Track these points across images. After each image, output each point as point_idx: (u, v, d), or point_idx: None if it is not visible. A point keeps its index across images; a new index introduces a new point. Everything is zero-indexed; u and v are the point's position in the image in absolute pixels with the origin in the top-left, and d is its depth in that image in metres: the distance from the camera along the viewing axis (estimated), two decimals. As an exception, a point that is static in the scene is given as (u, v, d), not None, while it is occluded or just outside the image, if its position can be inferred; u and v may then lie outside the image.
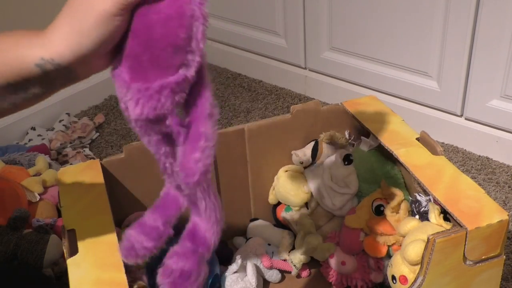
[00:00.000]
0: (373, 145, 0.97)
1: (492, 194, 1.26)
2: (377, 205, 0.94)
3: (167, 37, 0.46)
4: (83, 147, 1.49)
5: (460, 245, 0.75)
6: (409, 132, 0.95)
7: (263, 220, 1.11)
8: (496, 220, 0.75)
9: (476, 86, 1.32)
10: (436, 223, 0.82)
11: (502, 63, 1.25)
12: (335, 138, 1.04)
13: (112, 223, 0.78)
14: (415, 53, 1.40)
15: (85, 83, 1.70)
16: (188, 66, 0.48)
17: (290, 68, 1.71)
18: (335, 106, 1.06)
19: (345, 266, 0.96)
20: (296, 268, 1.01)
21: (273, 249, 1.04)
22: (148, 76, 0.47)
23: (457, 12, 1.27)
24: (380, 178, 0.98)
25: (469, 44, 1.29)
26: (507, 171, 1.33)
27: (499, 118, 1.32)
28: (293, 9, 1.60)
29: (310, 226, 1.02)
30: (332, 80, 1.63)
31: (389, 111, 1.02)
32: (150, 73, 0.47)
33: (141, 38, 0.47)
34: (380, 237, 0.93)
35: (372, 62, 1.51)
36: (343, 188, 1.01)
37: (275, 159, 1.07)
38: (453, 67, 1.34)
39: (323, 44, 1.59)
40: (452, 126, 1.42)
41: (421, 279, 0.76)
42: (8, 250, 1.00)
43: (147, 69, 0.47)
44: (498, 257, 0.78)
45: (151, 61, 0.47)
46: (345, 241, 0.96)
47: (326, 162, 1.05)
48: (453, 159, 1.39)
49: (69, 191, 0.85)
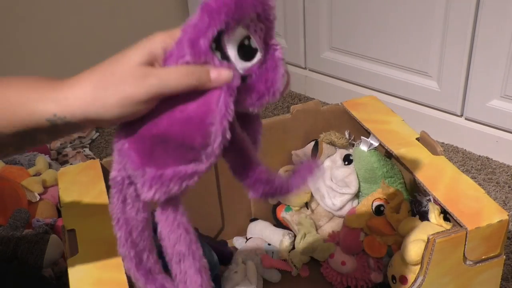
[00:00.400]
0: (373, 145, 0.97)
1: (492, 194, 1.26)
2: (377, 205, 0.94)
3: (184, 137, 0.47)
4: (83, 147, 1.49)
5: (460, 245, 0.75)
6: (409, 132, 0.95)
7: (263, 220, 1.11)
8: (496, 220, 0.75)
9: (476, 86, 1.32)
10: (436, 223, 0.82)
11: (502, 63, 1.25)
12: (335, 138, 1.04)
13: (112, 223, 0.78)
14: (415, 53, 1.40)
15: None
16: (201, 162, 0.48)
17: (290, 68, 1.71)
18: (335, 106, 1.06)
19: (345, 266, 0.96)
20: (296, 268, 1.01)
21: (273, 249, 1.04)
22: (159, 162, 0.47)
23: (457, 12, 1.27)
24: (380, 178, 0.98)
25: (469, 44, 1.29)
26: (507, 171, 1.33)
27: (499, 118, 1.32)
28: (293, 9, 1.60)
29: (310, 226, 1.02)
30: (332, 80, 1.63)
31: (389, 111, 1.02)
32: (162, 160, 0.47)
33: (159, 129, 0.47)
34: (380, 237, 0.93)
35: (372, 62, 1.51)
36: (343, 188, 1.01)
37: (275, 159, 1.07)
38: (453, 67, 1.34)
39: (323, 44, 1.59)
40: (452, 126, 1.42)
41: (421, 279, 0.76)
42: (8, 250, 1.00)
43: (160, 156, 0.47)
44: (498, 257, 0.78)
45: (164, 150, 0.47)
46: (345, 241, 0.96)
47: (326, 162, 1.05)
48: (453, 159, 1.39)
49: (69, 191, 0.85)
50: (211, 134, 0.46)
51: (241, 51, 0.47)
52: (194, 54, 0.46)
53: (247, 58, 0.48)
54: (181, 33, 0.46)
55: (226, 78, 0.46)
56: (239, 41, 0.47)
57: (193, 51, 0.46)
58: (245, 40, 0.47)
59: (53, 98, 0.46)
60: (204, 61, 0.46)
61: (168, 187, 0.47)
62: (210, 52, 0.46)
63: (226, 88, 0.46)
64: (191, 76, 0.46)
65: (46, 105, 0.46)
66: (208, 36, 0.45)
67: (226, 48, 0.47)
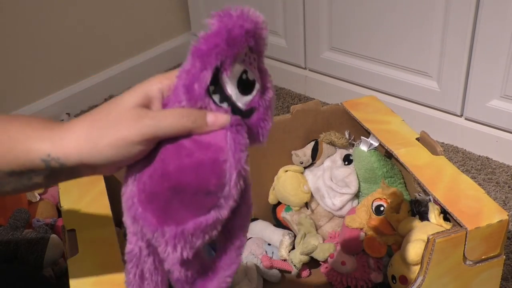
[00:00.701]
0: (373, 145, 0.97)
1: (492, 194, 1.26)
2: (377, 205, 0.94)
3: (198, 183, 0.45)
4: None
5: (460, 245, 0.75)
6: (409, 132, 0.95)
7: (263, 220, 1.11)
8: (496, 220, 0.75)
9: (476, 86, 1.32)
10: (436, 223, 0.82)
11: (502, 63, 1.25)
12: (335, 138, 1.04)
13: (112, 223, 0.78)
14: (415, 53, 1.40)
15: (85, 83, 1.70)
16: (221, 208, 0.46)
17: (290, 68, 1.71)
18: (335, 106, 1.06)
19: (345, 266, 0.96)
20: (296, 268, 1.01)
21: (273, 249, 1.04)
22: (177, 217, 0.45)
23: (457, 12, 1.27)
24: (380, 178, 0.98)
25: (469, 44, 1.29)
26: (507, 171, 1.33)
27: (499, 118, 1.32)
28: (293, 9, 1.60)
29: (310, 226, 1.02)
30: (332, 80, 1.63)
31: (389, 111, 1.02)
32: (180, 214, 0.45)
33: (171, 181, 0.45)
34: (380, 237, 0.93)
35: (372, 62, 1.51)
36: (343, 188, 1.01)
37: (275, 159, 1.07)
38: (453, 67, 1.34)
39: (323, 44, 1.59)
40: (452, 126, 1.42)
41: (421, 279, 0.76)
42: (8, 250, 1.00)
43: (177, 211, 0.45)
44: (498, 257, 0.78)
45: (181, 203, 0.45)
46: (345, 241, 0.96)
47: (326, 162, 1.05)
48: (453, 159, 1.39)
49: (69, 191, 0.85)
50: (226, 173, 0.45)
51: (240, 86, 0.46)
52: (190, 99, 0.45)
53: (246, 92, 0.47)
54: (176, 79, 0.46)
55: (223, 121, 0.46)
56: (237, 77, 0.46)
57: (189, 96, 0.45)
58: (243, 75, 0.46)
59: (49, 137, 0.46)
60: (200, 106, 0.45)
61: (192, 243, 0.45)
62: (206, 97, 0.45)
63: (229, 126, 0.46)
64: (187, 118, 0.45)
65: (42, 144, 0.46)
66: (202, 81, 0.44)
67: (226, 87, 0.46)
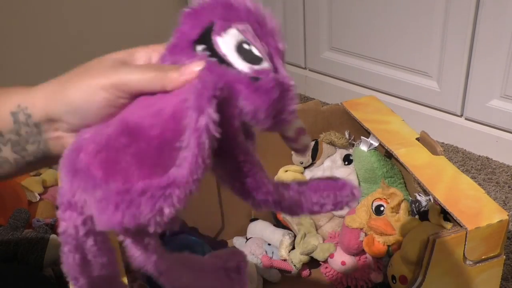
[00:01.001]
0: (373, 145, 0.97)
1: (492, 194, 1.26)
2: (377, 205, 0.94)
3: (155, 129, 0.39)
4: (83, 147, 1.49)
5: (460, 245, 0.75)
6: (409, 132, 0.95)
7: (263, 220, 1.11)
8: (496, 220, 0.75)
9: (476, 86, 1.32)
10: (436, 223, 0.82)
11: (502, 63, 1.25)
12: (335, 138, 1.04)
13: (112, 223, 0.78)
14: (415, 53, 1.40)
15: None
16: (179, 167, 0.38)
17: (290, 68, 1.71)
18: (335, 106, 1.06)
19: (345, 266, 0.96)
20: (296, 268, 1.01)
21: (273, 249, 1.04)
22: (127, 173, 0.38)
23: (457, 12, 1.27)
24: (380, 178, 0.98)
25: (469, 44, 1.29)
26: (507, 171, 1.33)
27: (499, 118, 1.32)
28: (293, 9, 1.60)
29: (310, 226, 1.02)
30: (332, 80, 1.63)
31: (389, 111, 1.02)
32: (131, 170, 0.38)
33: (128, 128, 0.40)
34: (380, 237, 0.93)
35: (372, 62, 1.51)
36: (343, 188, 1.01)
37: (275, 159, 1.07)
38: (453, 67, 1.34)
39: (323, 44, 1.59)
40: (452, 126, 1.42)
41: (421, 279, 0.76)
42: (8, 250, 1.00)
43: (128, 166, 0.38)
44: (498, 257, 0.78)
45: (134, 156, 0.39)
46: (345, 241, 0.96)
47: (326, 162, 1.05)
48: (453, 159, 1.39)
49: (69, 191, 0.84)
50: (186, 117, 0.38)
51: (241, 54, 0.42)
52: (173, 54, 0.43)
53: (253, 62, 0.42)
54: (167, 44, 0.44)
55: (195, 67, 0.41)
56: (234, 42, 0.43)
57: (173, 52, 0.44)
58: (244, 44, 0.43)
59: (21, 92, 0.45)
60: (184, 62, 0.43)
61: (137, 209, 0.36)
62: (190, 52, 0.43)
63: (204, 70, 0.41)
64: (158, 71, 0.42)
65: (13, 97, 0.45)
66: (188, 36, 0.43)
67: (219, 46, 0.42)
